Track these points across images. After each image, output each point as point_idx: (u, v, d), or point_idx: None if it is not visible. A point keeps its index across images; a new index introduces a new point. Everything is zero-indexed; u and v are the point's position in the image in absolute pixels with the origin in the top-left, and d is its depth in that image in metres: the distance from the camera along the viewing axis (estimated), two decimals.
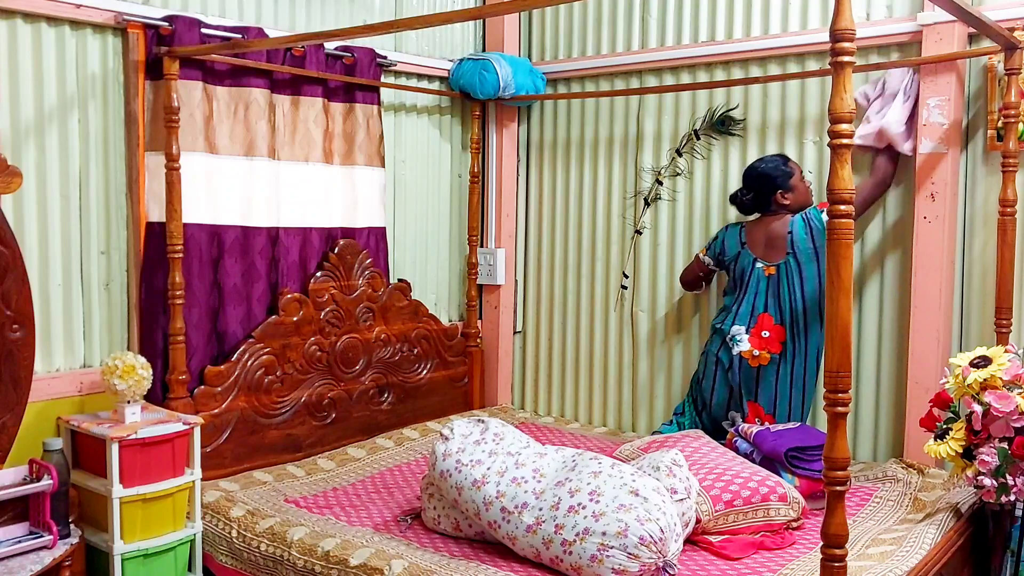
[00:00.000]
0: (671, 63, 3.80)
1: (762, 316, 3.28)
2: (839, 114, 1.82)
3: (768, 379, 3.28)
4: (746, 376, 3.30)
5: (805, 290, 3.24)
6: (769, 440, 2.98)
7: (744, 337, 3.29)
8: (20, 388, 2.58)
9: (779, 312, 3.27)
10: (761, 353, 3.25)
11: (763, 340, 3.26)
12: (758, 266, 3.31)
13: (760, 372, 3.28)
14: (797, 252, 3.25)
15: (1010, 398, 2.46)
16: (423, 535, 2.75)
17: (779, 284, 3.27)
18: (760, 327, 3.27)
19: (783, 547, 2.63)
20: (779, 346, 3.25)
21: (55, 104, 2.91)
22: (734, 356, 3.31)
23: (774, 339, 3.25)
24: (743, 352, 3.28)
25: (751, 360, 3.28)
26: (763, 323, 3.27)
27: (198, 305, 3.21)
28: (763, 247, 3.33)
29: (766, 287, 3.30)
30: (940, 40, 3.12)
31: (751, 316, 3.30)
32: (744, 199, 3.40)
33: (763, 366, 3.27)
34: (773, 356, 3.25)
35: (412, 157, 4.08)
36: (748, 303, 3.32)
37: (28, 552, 2.41)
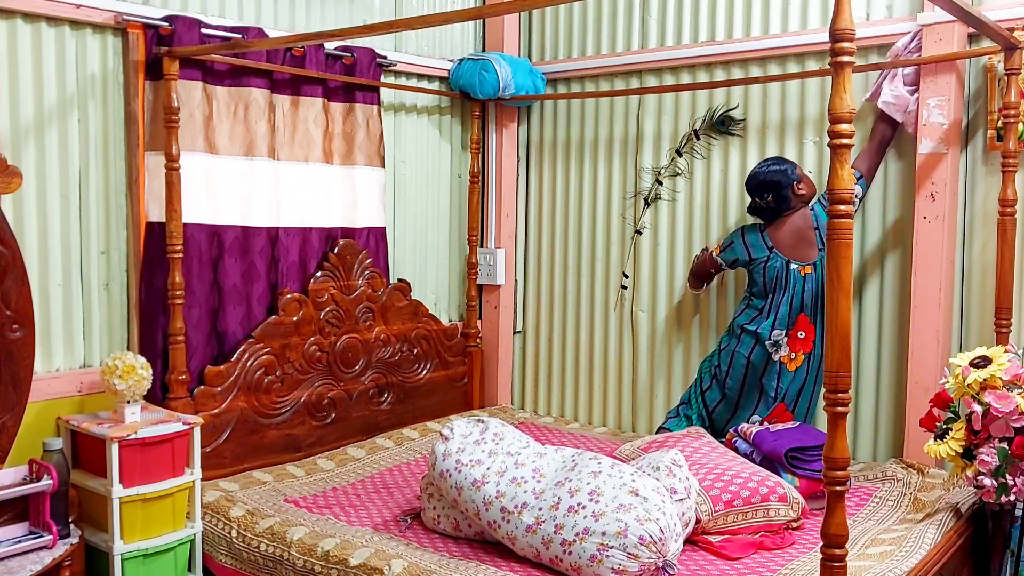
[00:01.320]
0: (671, 63, 3.80)
1: (800, 317, 3.25)
2: (839, 114, 1.82)
3: (799, 379, 3.27)
4: (784, 379, 3.27)
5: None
6: (769, 440, 2.98)
7: (785, 341, 3.25)
8: (20, 388, 2.58)
9: (814, 311, 3.25)
10: (797, 355, 3.25)
11: (799, 341, 3.25)
12: (793, 267, 3.25)
13: (795, 374, 3.27)
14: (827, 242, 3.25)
15: (1010, 398, 2.46)
16: (423, 535, 2.75)
17: (814, 282, 3.24)
18: (797, 328, 3.25)
19: (783, 547, 2.63)
20: (811, 345, 3.25)
21: (55, 104, 2.91)
22: (774, 361, 3.27)
23: (808, 339, 3.25)
24: (783, 357, 3.26)
25: (789, 364, 3.26)
26: (800, 324, 3.25)
27: (198, 305, 3.21)
28: (791, 246, 3.27)
29: (802, 287, 3.25)
30: (940, 40, 3.12)
31: (789, 318, 3.25)
32: (766, 205, 3.30)
33: (798, 368, 3.26)
34: (806, 356, 3.25)
35: (412, 157, 4.08)
36: (787, 305, 3.25)
37: (28, 552, 2.42)
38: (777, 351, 3.26)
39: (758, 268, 3.32)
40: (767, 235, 3.32)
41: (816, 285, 3.24)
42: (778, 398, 3.29)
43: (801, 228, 3.27)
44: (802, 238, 3.27)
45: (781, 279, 3.27)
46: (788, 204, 3.28)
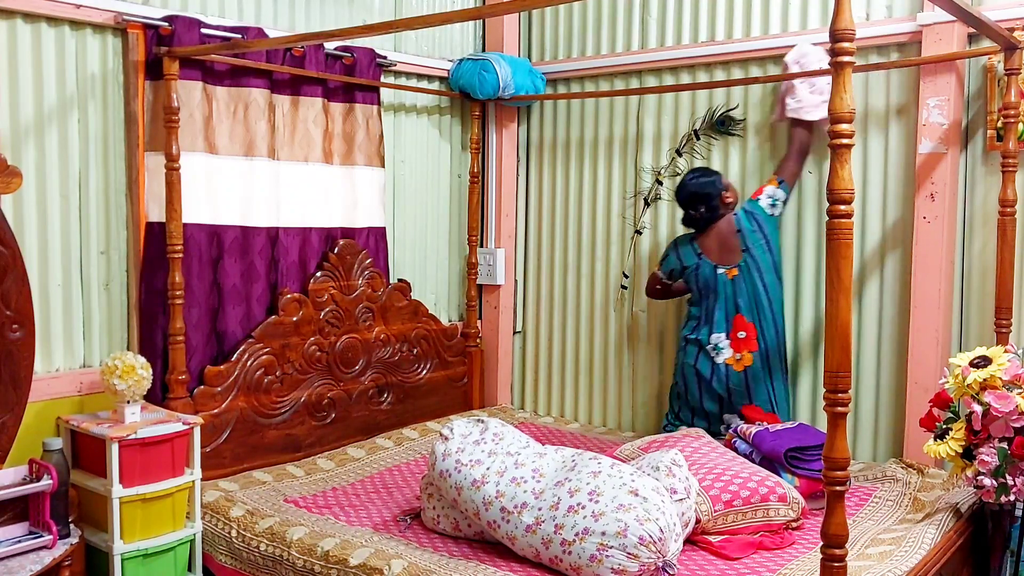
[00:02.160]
0: (671, 63, 3.80)
1: (736, 318, 3.33)
2: (839, 114, 1.82)
3: (758, 378, 3.30)
4: (736, 382, 3.32)
5: (765, 281, 3.32)
6: (768, 440, 2.98)
7: (726, 343, 3.33)
8: (20, 388, 2.58)
9: (750, 310, 3.32)
10: (743, 355, 3.30)
11: (741, 341, 3.31)
12: (720, 272, 3.36)
13: (748, 374, 3.30)
14: (750, 247, 3.33)
15: (1010, 398, 2.46)
16: (422, 535, 2.75)
17: (743, 283, 3.33)
18: (736, 329, 3.32)
19: (782, 547, 2.63)
20: (756, 343, 3.30)
21: (55, 104, 2.91)
22: (718, 365, 3.34)
23: (750, 337, 3.30)
24: (727, 360, 3.32)
25: (736, 365, 3.31)
26: (738, 325, 3.32)
27: (198, 305, 3.21)
28: (718, 252, 3.39)
29: (732, 290, 3.34)
30: (940, 40, 3.12)
31: (726, 322, 3.34)
32: (699, 215, 3.40)
33: (748, 367, 3.30)
34: (754, 354, 3.29)
35: (412, 157, 4.08)
36: (721, 309, 3.35)
37: (28, 552, 2.41)
38: (719, 355, 3.33)
39: (691, 276, 3.44)
40: (696, 243, 3.44)
41: (747, 286, 3.32)
42: (734, 399, 3.32)
43: (725, 234, 3.38)
44: (726, 243, 3.37)
45: (711, 284, 3.38)
46: (717, 213, 3.40)
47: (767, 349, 3.31)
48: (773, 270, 3.34)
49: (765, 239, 3.32)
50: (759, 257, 3.32)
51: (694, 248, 3.43)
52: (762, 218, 3.34)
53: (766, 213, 3.34)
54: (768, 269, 3.32)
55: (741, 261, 3.33)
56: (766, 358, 3.31)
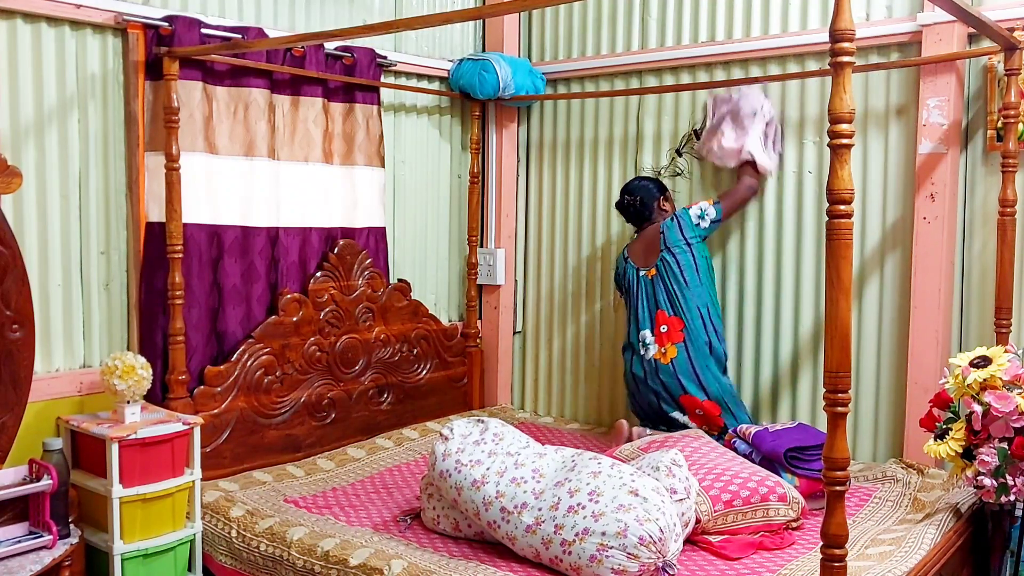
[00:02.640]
0: (671, 63, 3.80)
1: (658, 314, 3.40)
2: (839, 114, 1.82)
3: (685, 368, 3.33)
4: (666, 374, 3.36)
5: (686, 277, 3.37)
6: (768, 440, 2.98)
7: (651, 339, 3.40)
8: (20, 388, 2.58)
9: (670, 304, 3.39)
10: (667, 348, 3.35)
11: (664, 335, 3.37)
12: (641, 273, 3.46)
13: (675, 365, 3.34)
14: (670, 245, 3.40)
15: (1010, 398, 2.45)
16: (422, 535, 2.75)
17: (662, 280, 3.41)
18: (659, 324, 3.39)
19: (783, 547, 2.63)
20: (680, 335, 3.35)
21: (55, 104, 2.91)
22: (647, 360, 3.40)
23: (673, 330, 3.36)
24: (654, 355, 3.38)
25: (662, 358, 3.36)
26: (660, 319, 3.40)
27: (198, 305, 3.21)
28: (642, 256, 3.51)
29: (651, 288, 3.43)
30: (940, 40, 3.12)
31: (650, 319, 3.42)
32: (629, 203, 3.57)
33: (674, 359, 3.34)
34: (678, 346, 3.34)
35: (412, 157, 4.08)
36: (643, 308, 3.45)
37: (28, 552, 2.41)
38: (647, 351, 3.40)
39: (620, 281, 3.64)
40: (626, 250, 3.62)
41: (665, 283, 3.40)
42: (670, 391, 3.36)
43: (650, 238, 3.50)
44: (650, 246, 3.49)
45: (633, 286, 3.50)
46: (650, 213, 3.55)
47: (692, 341, 3.35)
48: (695, 270, 3.38)
49: (686, 241, 3.39)
50: (679, 256, 3.39)
51: (623, 255, 3.60)
52: (686, 224, 3.42)
53: (691, 222, 3.43)
54: (689, 267, 3.38)
55: (658, 260, 3.42)
56: (689, 346, 3.35)
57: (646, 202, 3.54)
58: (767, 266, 3.62)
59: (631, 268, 3.52)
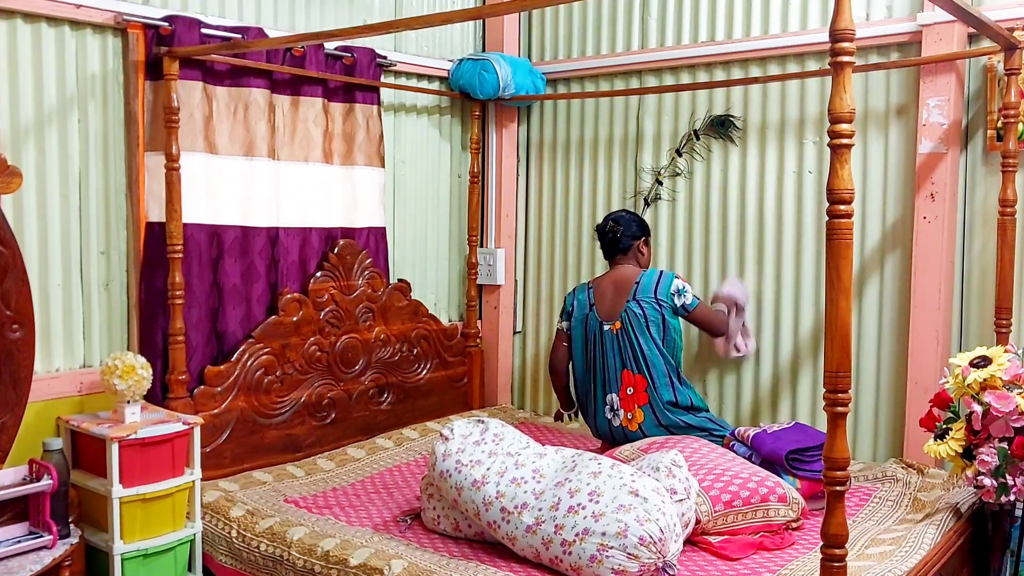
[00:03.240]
0: (671, 63, 3.80)
1: (623, 373, 3.25)
2: (839, 114, 1.81)
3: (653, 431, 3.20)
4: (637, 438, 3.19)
5: (651, 331, 3.22)
6: (768, 443, 2.97)
7: (618, 403, 3.25)
8: (20, 388, 2.58)
9: (633, 361, 3.23)
10: (635, 413, 3.22)
11: (630, 398, 3.23)
12: (606, 328, 3.28)
13: (643, 429, 3.21)
14: (640, 297, 3.24)
15: (1010, 398, 2.46)
16: (423, 535, 2.75)
17: (626, 334, 3.24)
18: (625, 385, 3.24)
19: (783, 547, 2.63)
20: (644, 395, 3.21)
21: (55, 104, 2.91)
22: (616, 427, 3.27)
23: (639, 390, 3.22)
24: (623, 421, 3.24)
25: (630, 425, 3.23)
26: (626, 380, 3.24)
27: (198, 305, 3.21)
28: (610, 300, 3.30)
29: (616, 344, 3.26)
30: (940, 40, 3.12)
31: (616, 379, 3.26)
32: (610, 230, 3.37)
33: (641, 423, 3.21)
34: (643, 408, 3.21)
35: (412, 157, 4.08)
36: (611, 368, 3.27)
37: (28, 552, 2.41)
38: (616, 417, 3.26)
39: (578, 324, 3.38)
40: (592, 292, 3.38)
41: (629, 336, 3.23)
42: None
43: (625, 278, 3.31)
44: (620, 288, 3.30)
45: (598, 339, 3.31)
46: (626, 249, 3.36)
47: (657, 401, 3.19)
48: (661, 328, 3.21)
49: (657, 301, 3.21)
50: (647, 310, 3.22)
51: (589, 297, 3.37)
52: (664, 285, 3.25)
53: (670, 288, 3.24)
54: (656, 324, 3.21)
55: (623, 311, 3.24)
56: (655, 407, 3.20)
57: (626, 235, 3.35)
58: (767, 266, 3.62)
59: (594, 317, 3.32)
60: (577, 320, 3.40)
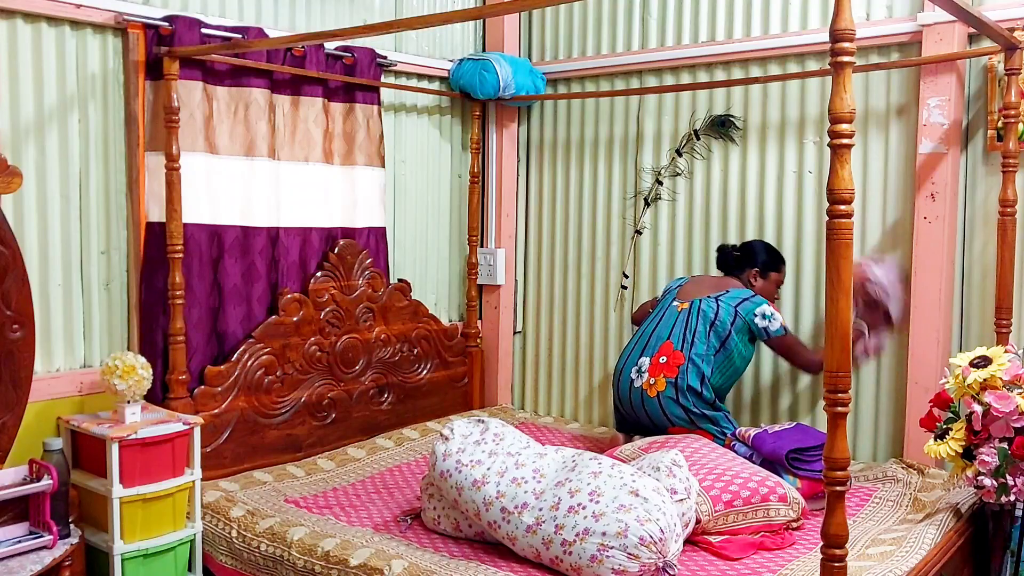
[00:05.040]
0: (671, 63, 3.80)
1: (664, 345, 3.27)
2: (839, 114, 1.81)
3: (669, 406, 3.20)
4: (652, 408, 3.23)
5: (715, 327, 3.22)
6: (768, 442, 2.97)
7: (646, 367, 3.28)
8: (20, 388, 2.58)
9: (680, 340, 3.25)
10: (657, 380, 3.23)
11: (660, 366, 3.24)
12: (674, 304, 3.36)
13: (661, 399, 3.22)
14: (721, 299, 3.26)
15: (1010, 398, 2.45)
16: (423, 535, 2.75)
17: (687, 316, 3.28)
18: (660, 354, 3.27)
19: (783, 547, 2.63)
20: (675, 371, 3.22)
21: (55, 104, 2.91)
22: (635, 388, 3.29)
23: (671, 364, 3.23)
24: (643, 384, 3.26)
25: (649, 390, 3.24)
26: (664, 350, 3.26)
27: (198, 305, 3.21)
28: (694, 290, 3.38)
29: (674, 320, 3.31)
30: (940, 40, 3.12)
31: (655, 348, 3.29)
32: (731, 253, 3.45)
33: (661, 392, 3.22)
34: (668, 381, 3.22)
35: (412, 157, 4.08)
36: (654, 334, 3.33)
37: (28, 552, 2.41)
38: (640, 378, 3.29)
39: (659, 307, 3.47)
40: (688, 281, 3.48)
41: (688, 319, 3.27)
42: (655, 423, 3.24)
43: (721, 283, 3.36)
44: (713, 286, 3.35)
45: (661, 311, 3.40)
46: (739, 272, 3.41)
47: (684, 384, 3.19)
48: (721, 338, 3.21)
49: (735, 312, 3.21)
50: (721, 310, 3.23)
51: (681, 283, 3.48)
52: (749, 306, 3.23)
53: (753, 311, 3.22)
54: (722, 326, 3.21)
55: (697, 299, 3.29)
56: (683, 392, 3.19)
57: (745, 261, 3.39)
58: None
59: (671, 297, 3.42)
60: (662, 300, 3.49)
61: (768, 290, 3.39)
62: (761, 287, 3.38)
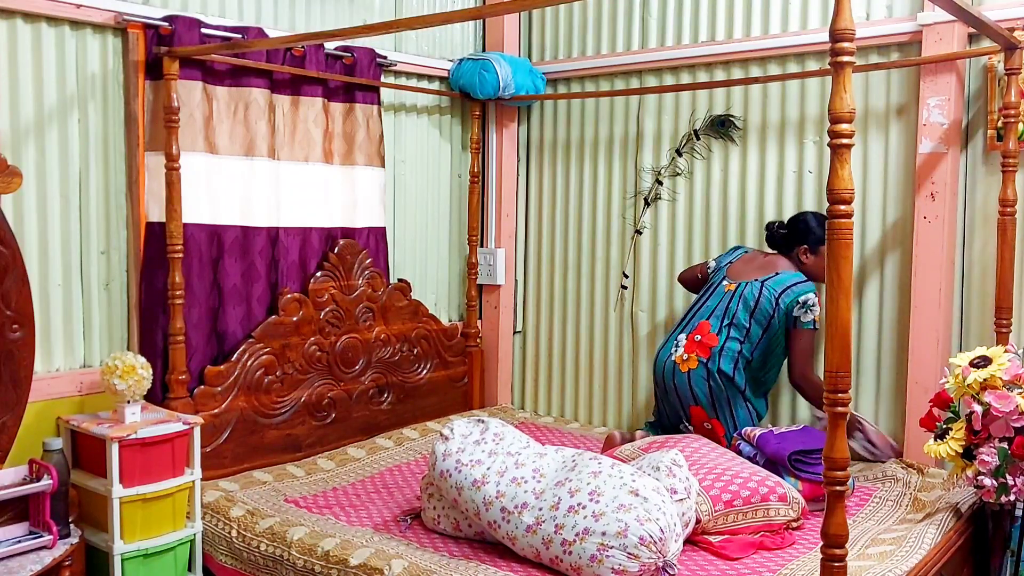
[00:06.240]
0: (671, 63, 3.80)
1: (702, 323, 3.30)
2: (839, 114, 1.81)
3: (700, 384, 3.23)
4: (680, 381, 3.28)
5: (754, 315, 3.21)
6: (772, 443, 2.97)
7: (683, 342, 3.31)
8: (20, 388, 2.58)
9: (722, 320, 3.26)
10: (690, 357, 3.26)
11: (696, 344, 3.27)
12: (724, 283, 3.36)
13: (691, 377, 3.25)
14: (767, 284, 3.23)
15: (1010, 398, 2.46)
16: (423, 535, 2.75)
17: (730, 299, 3.28)
18: (697, 332, 3.29)
19: (783, 547, 2.63)
20: (708, 352, 3.23)
21: (55, 104, 2.91)
22: (668, 361, 3.33)
23: (705, 344, 3.25)
24: (676, 358, 3.30)
25: (681, 365, 3.28)
26: (702, 329, 3.29)
27: (198, 305, 3.21)
28: (744, 268, 3.36)
29: (718, 301, 3.32)
30: (940, 40, 3.12)
31: (695, 325, 3.32)
32: (780, 231, 3.38)
33: (692, 370, 3.25)
34: (700, 361, 3.24)
35: (412, 157, 4.08)
36: (697, 312, 3.35)
37: (28, 552, 2.41)
38: (676, 351, 3.32)
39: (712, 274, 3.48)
40: (740, 258, 3.43)
41: (731, 301, 3.27)
42: (684, 400, 3.27)
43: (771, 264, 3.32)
44: (763, 267, 3.32)
45: (711, 287, 3.40)
46: (789, 251, 3.35)
47: (717, 368, 3.21)
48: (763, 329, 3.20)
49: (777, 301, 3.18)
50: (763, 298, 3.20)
51: (732, 259, 3.43)
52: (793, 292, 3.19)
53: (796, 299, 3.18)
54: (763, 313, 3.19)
55: (746, 283, 3.28)
56: (712, 374, 3.21)
57: (793, 238, 3.31)
58: None
59: (722, 273, 3.39)
60: (715, 269, 3.48)
61: (821, 266, 3.24)
62: (813, 263, 3.28)
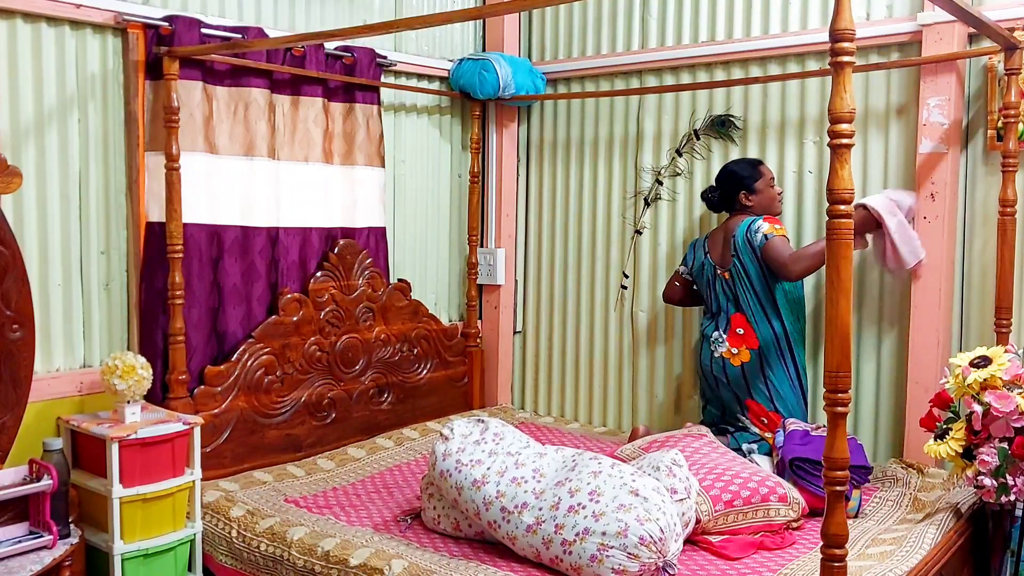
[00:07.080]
0: (671, 63, 3.80)
1: (734, 316, 3.33)
2: (839, 114, 1.82)
3: (755, 374, 3.28)
4: (734, 376, 3.31)
5: (755, 287, 3.28)
6: (789, 443, 2.94)
7: (723, 338, 3.33)
8: (20, 388, 2.58)
9: (745, 309, 3.31)
10: (740, 351, 3.29)
11: (740, 337, 3.30)
12: (718, 272, 3.37)
13: (745, 369, 3.29)
14: (739, 252, 3.29)
15: (1010, 398, 2.46)
16: (423, 535, 2.75)
17: (735, 284, 3.32)
18: (734, 326, 3.32)
19: (783, 547, 2.63)
20: (756, 340, 3.28)
21: (55, 104, 2.91)
22: (716, 358, 3.35)
23: (749, 335, 3.29)
24: (724, 353, 3.32)
25: (732, 359, 3.31)
26: (736, 322, 3.32)
27: (198, 305, 3.21)
28: (720, 250, 3.38)
29: (724, 289, 3.36)
30: (940, 40, 3.12)
31: (725, 319, 3.35)
32: (711, 196, 3.46)
33: (745, 363, 3.29)
34: (752, 351, 3.28)
35: (412, 157, 4.08)
36: (720, 307, 3.38)
37: (28, 552, 2.41)
38: (717, 348, 3.34)
39: (698, 273, 3.48)
40: (707, 241, 3.46)
41: (739, 287, 3.30)
42: (740, 395, 3.31)
43: (727, 234, 3.36)
44: (725, 243, 3.36)
45: (711, 283, 3.41)
46: (732, 206, 3.38)
47: (764, 348, 3.29)
48: (762, 278, 3.27)
49: (752, 250, 3.24)
50: (747, 263, 3.27)
51: (704, 247, 3.46)
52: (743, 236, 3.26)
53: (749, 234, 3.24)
54: (757, 276, 3.26)
55: (731, 265, 3.31)
56: (764, 356, 3.29)
57: (728, 194, 3.35)
58: None
59: (709, 263, 3.39)
60: (696, 267, 3.49)
61: (766, 199, 3.34)
62: (757, 201, 3.33)
